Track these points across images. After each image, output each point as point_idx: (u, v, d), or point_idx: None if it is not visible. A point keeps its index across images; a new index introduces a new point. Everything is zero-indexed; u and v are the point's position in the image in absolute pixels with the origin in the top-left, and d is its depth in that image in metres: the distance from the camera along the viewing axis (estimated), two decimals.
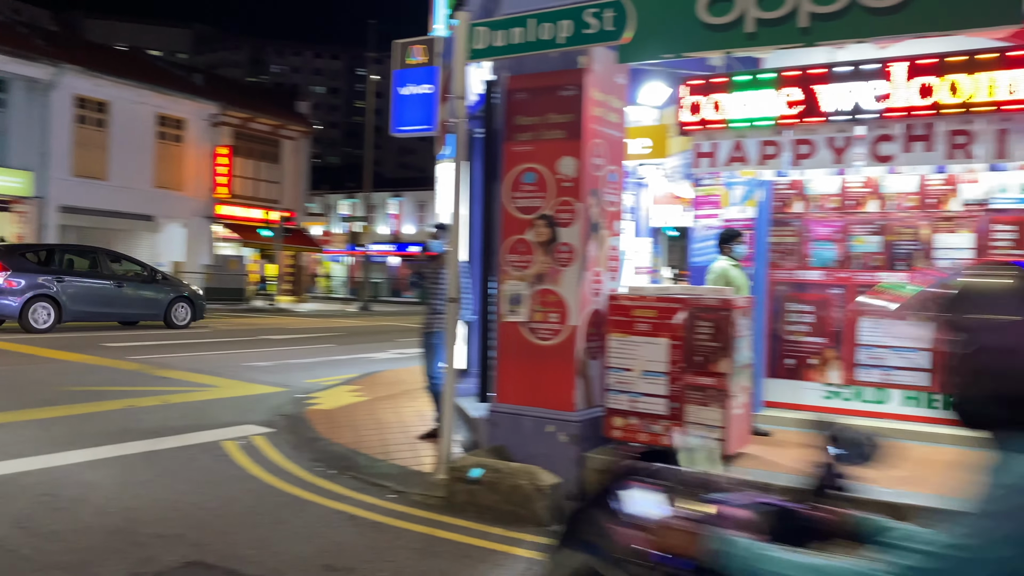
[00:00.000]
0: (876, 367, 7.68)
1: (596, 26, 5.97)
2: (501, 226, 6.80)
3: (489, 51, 6.40)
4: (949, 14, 5.28)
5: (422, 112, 8.48)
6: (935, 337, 1.62)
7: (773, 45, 5.88)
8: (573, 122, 6.47)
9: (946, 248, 7.46)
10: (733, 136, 6.41)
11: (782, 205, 8.17)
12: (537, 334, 6.59)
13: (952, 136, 5.70)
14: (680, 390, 6.26)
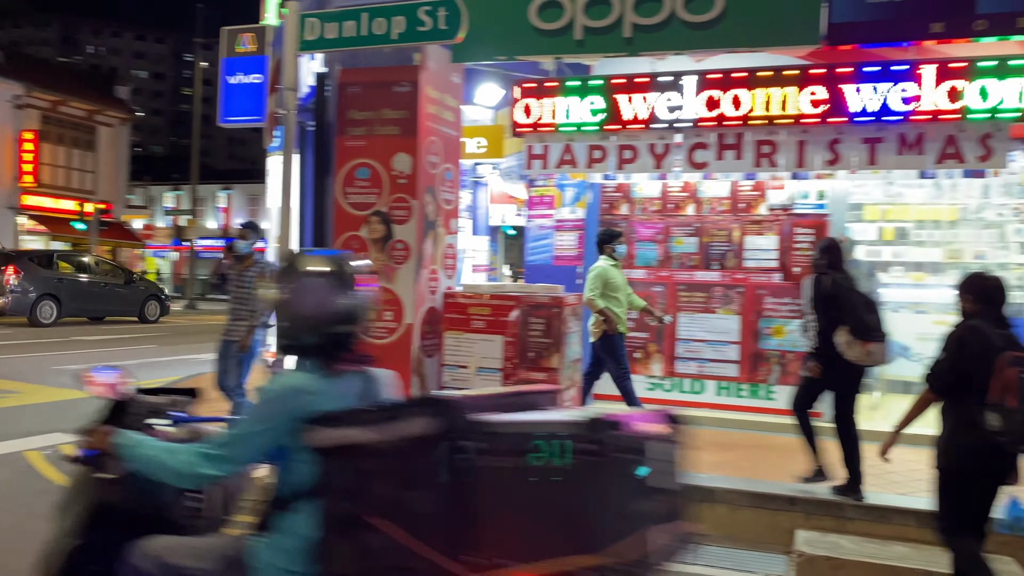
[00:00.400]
0: (693, 360, 8.19)
1: (430, 24, 5.97)
2: (334, 222, 6.67)
3: (320, 43, 6.25)
4: (757, 32, 5.70)
5: (251, 102, 8.17)
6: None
7: (600, 53, 6.12)
8: (408, 119, 6.45)
9: (755, 249, 8.07)
10: (563, 139, 6.62)
11: (609, 207, 8.54)
12: (371, 332, 6.50)
13: (759, 146, 6.17)
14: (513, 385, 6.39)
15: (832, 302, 5.57)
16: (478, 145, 9.03)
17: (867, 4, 5.48)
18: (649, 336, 8.34)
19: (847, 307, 5.52)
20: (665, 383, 8.30)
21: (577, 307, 6.76)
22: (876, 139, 5.92)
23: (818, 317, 5.66)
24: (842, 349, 5.49)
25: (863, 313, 5.50)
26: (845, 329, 5.48)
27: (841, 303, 5.53)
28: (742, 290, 8.08)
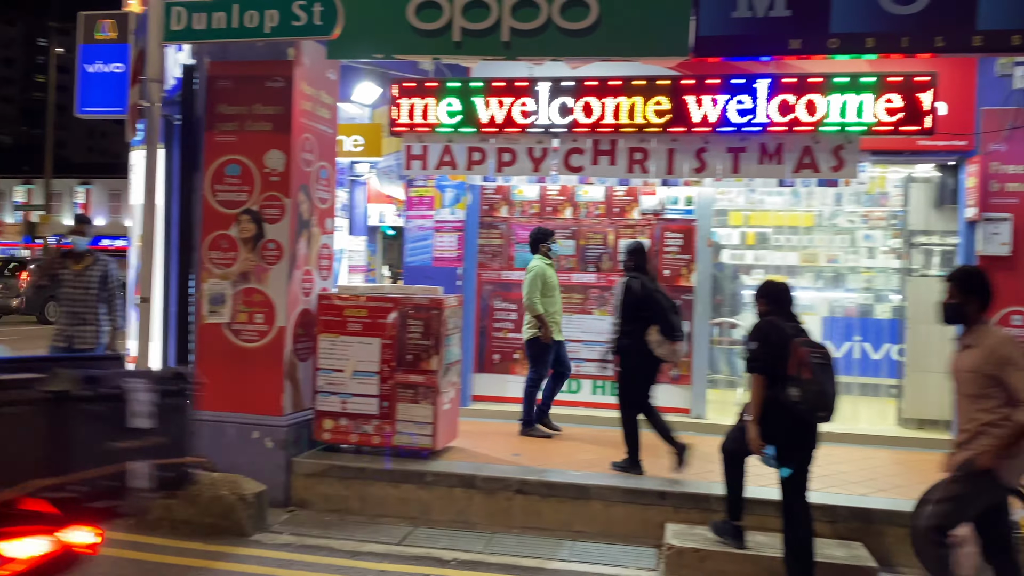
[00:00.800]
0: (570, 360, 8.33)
1: (304, 19, 5.82)
2: (202, 220, 6.39)
3: (187, 34, 5.98)
4: (630, 42, 5.89)
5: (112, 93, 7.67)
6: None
7: (478, 55, 6.15)
8: (281, 115, 6.26)
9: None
10: (442, 140, 6.60)
11: (489, 209, 8.59)
12: (241, 336, 6.28)
13: (632, 153, 6.36)
14: (391, 389, 6.32)
15: (643, 303, 6.14)
16: (355, 143, 8.86)
17: (732, 19, 5.75)
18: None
19: (657, 309, 6.14)
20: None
21: (457, 308, 6.76)
22: (739, 149, 6.22)
23: (628, 317, 6.20)
24: (652, 347, 6.12)
25: (670, 315, 6.16)
26: (655, 329, 6.09)
27: (651, 305, 6.13)
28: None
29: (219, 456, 6.21)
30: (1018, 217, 7.23)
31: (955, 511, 4.03)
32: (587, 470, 6.21)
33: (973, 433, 4.00)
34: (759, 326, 4.83)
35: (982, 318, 4.05)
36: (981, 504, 4.04)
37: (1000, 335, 4.00)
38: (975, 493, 4.00)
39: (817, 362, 4.56)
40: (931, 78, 5.89)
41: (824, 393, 4.53)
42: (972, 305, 4.04)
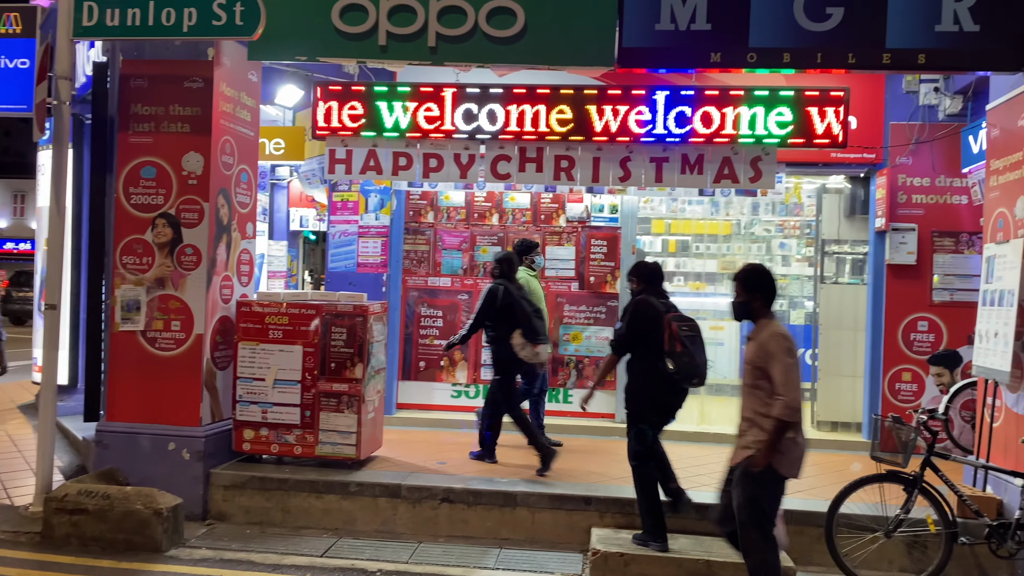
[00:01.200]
0: None
1: (225, 19, 5.67)
2: (114, 224, 6.14)
3: (100, 30, 5.75)
4: (557, 51, 5.92)
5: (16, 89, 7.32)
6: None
7: (404, 60, 6.08)
8: (200, 116, 6.07)
9: (554, 259, 8.38)
10: (367, 145, 6.51)
11: (415, 215, 8.52)
12: (157, 344, 6.06)
13: (558, 161, 6.40)
14: (314, 398, 6.19)
15: (508, 309, 6.54)
16: (276, 146, 8.66)
17: (655, 31, 5.84)
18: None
19: (520, 314, 6.57)
20: (470, 390, 8.39)
21: (382, 315, 6.68)
22: (663, 159, 6.33)
23: (491, 321, 6.62)
24: (516, 350, 6.55)
25: (533, 320, 6.62)
26: (519, 332, 6.53)
27: (515, 310, 6.54)
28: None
29: (132, 469, 5.98)
30: (923, 227, 7.59)
31: (759, 513, 4.16)
32: (514, 477, 6.21)
33: (748, 423, 4.20)
34: (631, 305, 5.35)
35: (766, 313, 4.23)
36: (773, 499, 4.19)
37: (772, 329, 4.15)
38: (762, 491, 4.14)
39: (687, 335, 5.05)
40: (843, 93, 6.12)
41: (695, 363, 5.03)
42: (756, 301, 4.22)
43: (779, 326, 4.19)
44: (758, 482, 4.11)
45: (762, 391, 4.12)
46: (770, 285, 4.24)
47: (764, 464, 4.06)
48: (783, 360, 4.03)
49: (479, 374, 8.39)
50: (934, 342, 7.61)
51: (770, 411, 4.05)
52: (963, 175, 7.43)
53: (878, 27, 5.62)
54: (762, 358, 4.10)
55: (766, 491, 4.15)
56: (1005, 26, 5.53)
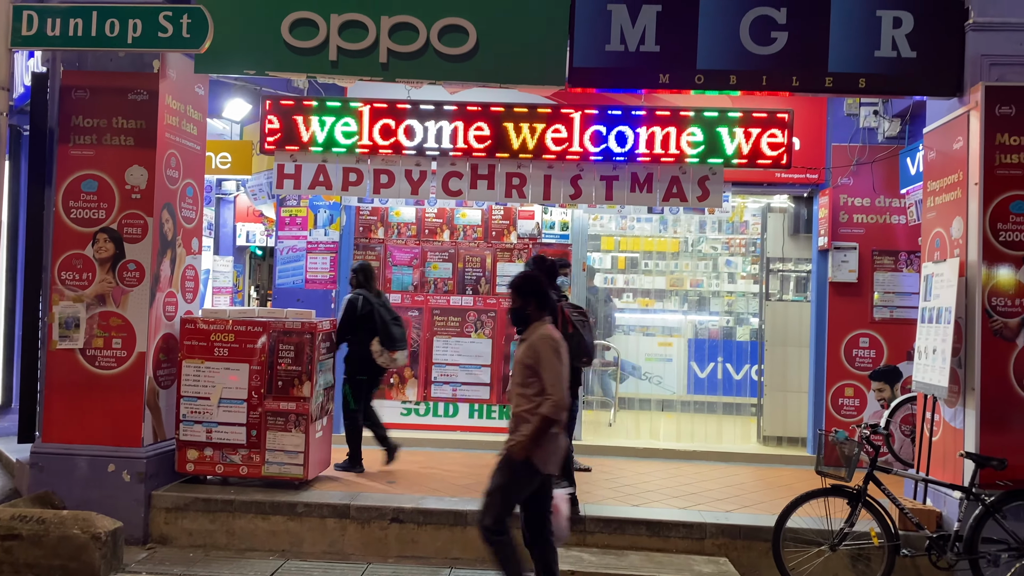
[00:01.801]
0: (448, 383, 8.31)
1: (171, 31, 5.58)
2: (53, 239, 5.95)
3: (40, 39, 5.59)
4: (508, 69, 5.97)
5: None
6: None
7: (354, 76, 6.06)
8: (144, 129, 5.93)
9: (506, 275, 8.37)
10: (316, 160, 6.44)
11: (365, 230, 8.46)
12: (97, 362, 5.88)
13: (510, 178, 6.42)
14: (260, 417, 6.07)
15: (367, 317, 6.77)
16: (222, 160, 8.51)
17: (605, 52, 5.93)
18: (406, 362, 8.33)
19: (378, 321, 6.81)
20: (420, 407, 8.33)
21: (331, 332, 6.59)
22: (612, 177, 6.39)
23: (352, 329, 6.79)
24: (374, 356, 6.82)
25: (391, 327, 6.87)
26: (376, 340, 6.80)
27: (372, 319, 6.79)
28: (494, 314, 8.34)
29: (70, 492, 5.78)
30: (863, 246, 7.81)
31: (501, 501, 4.29)
32: (465, 495, 6.16)
33: (517, 420, 4.32)
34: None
35: (540, 316, 4.38)
36: (523, 491, 4.30)
37: (542, 332, 4.30)
38: (515, 481, 4.27)
39: (577, 319, 5.81)
40: (787, 115, 6.27)
41: (583, 343, 5.77)
42: (530, 307, 4.37)
43: (550, 329, 4.34)
44: (514, 471, 4.24)
45: (531, 389, 4.24)
46: (542, 292, 4.41)
47: (523, 456, 4.18)
48: (551, 361, 4.18)
49: (429, 391, 8.33)
50: (875, 358, 7.80)
51: (539, 409, 4.17)
52: (901, 196, 7.67)
53: (821, 51, 5.80)
54: (532, 358, 4.23)
55: (519, 481, 4.26)
56: (941, 53, 5.76)
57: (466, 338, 8.37)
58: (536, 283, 4.47)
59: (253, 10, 5.99)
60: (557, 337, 4.29)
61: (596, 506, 6.01)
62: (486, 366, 8.32)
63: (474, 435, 8.13)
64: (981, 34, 5.67)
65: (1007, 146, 5.47)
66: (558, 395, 4.13)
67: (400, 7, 5.94)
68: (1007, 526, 4.95)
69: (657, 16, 5.87)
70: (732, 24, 5.84)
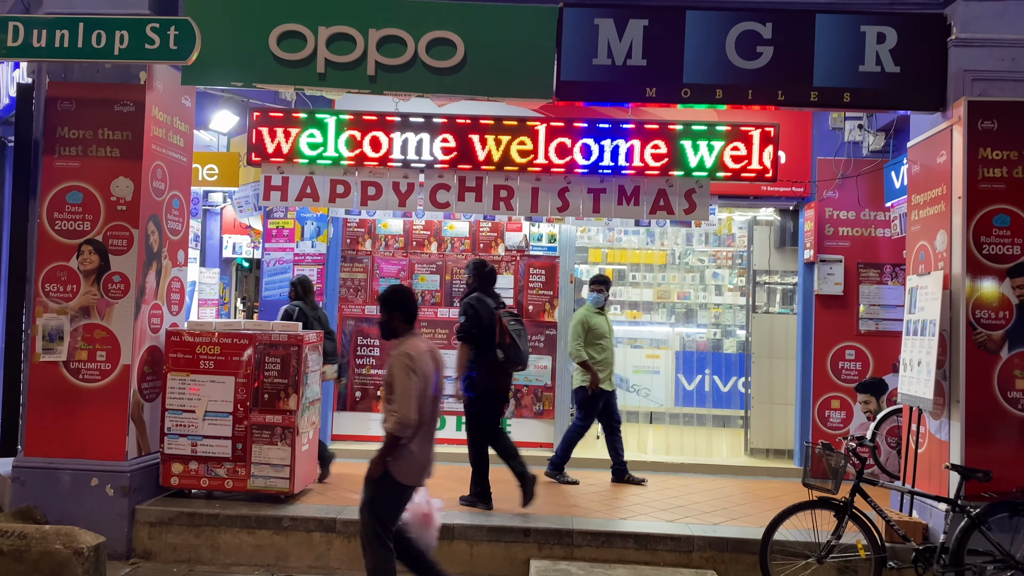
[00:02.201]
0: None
1: (158, 42, 5.56)
2: (37, 250, 5.90)
3: (25, 50, 5.56)
4: (496, 82, 6.00)
5: None
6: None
7: (343, 88, 6.07)
8: (130, 141, 5.91)
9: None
10: (304, 172, 6.43)
11: (352, 242, 8.44)
12: (81, 375, 5.82)
13: (497, 190, 6.43)
14: (246, 430, 6.02)
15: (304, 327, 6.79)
16: (209, 172, 8.49)
17: (593, 66, 5.96)
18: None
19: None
20: None
21: (318, 345, 6.56)
22: (600, 190, 6.41)
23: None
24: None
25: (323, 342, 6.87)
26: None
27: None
28: None
29: (52, 506, 5.71)
30: (849, 259, 7.86)
31: (371, 515, 4.31)
32: (451, 509, 6.13)
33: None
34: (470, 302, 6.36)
35: (406, 330, 4.39)
36: (395, 504, 4.35)
37: (402, 347, 4.28)
38: (380, 496, 4.31)
39: (514, 329, 6.22)
40: (773, 129, 6.31)
41: (520, 353, 6.24)
42: (396, 320, 4.39)
43: (411, 344, 4.31)
44: (376, 487, 4.28)
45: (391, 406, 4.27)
46: (409, 304, 4.42)
47: (379, 472, 4.24)
48: (400, 378, 4.17)
49: None
50: (861, 370, 7.84)
51: (384, 424, 4.23)
52: (886, 209, 7.73)
53: (806, 66, 5.85)
54: (388, 374, 4.27)
55: (384, 496, 4.30)
56: (924, 68, 5.82)
57: (454, 350, 8.31)
58: (403, 295, 4.47)
59: (241, 22, 5.99)
60: (414, 353, 4.22)
61: (584, 519, 5.99)
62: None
63: (461, 448, 8.06)
64: (963, 50, 5.74)
65: (990, 160, 5.53)
66: (403, 412, 4.12)
67: (388, 20, 5.96)
68: (992, 538, 4.97)
69: (644, 30, 5.91)
70: (718, 38, 5.88)
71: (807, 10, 5.90)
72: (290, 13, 5.98)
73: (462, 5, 6.03)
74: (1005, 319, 5.49)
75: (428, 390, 4.27)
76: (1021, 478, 5.32)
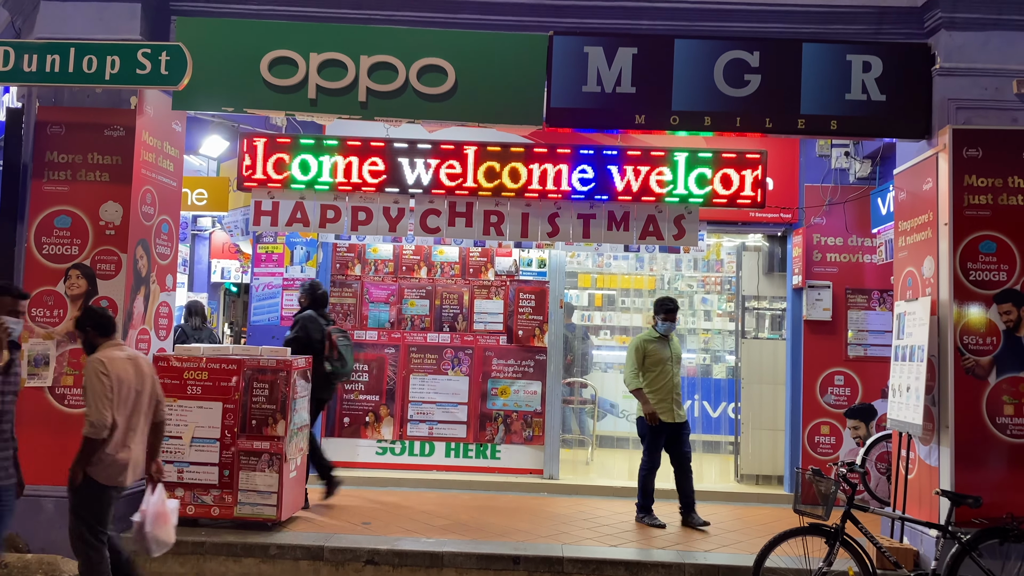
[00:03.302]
0: (424, 422, 8.23)
1: (149, 67, 5.59)
2: (24, 275, 5.86)
3: (16, 75, 5.58)
4: (486, 109, 6.05)
5: None
6: None
7: (334, 114, 6.09)
8: (120, 165, 5.90)
9: (483, 312, 8.37)
10: (294, 197, 6.43)
11: (342, 267, 8.42)
12: (66, 401, 5.76)
13: (488, 216, 6.44)
14: (233, 456, 5.96)
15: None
16: (199, 197, 8.48)
17: (582, 93, 6.02)
18: (381, 399, 8.27)
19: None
20: (396, 446, 8.23)
21: (306, 370, 6.52)
22: (590, 215, 6.42)
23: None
24: None
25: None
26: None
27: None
28: (471, 352, 8.31)
29: (35, 534, 5.63)
30: (837, 285, 7.90)
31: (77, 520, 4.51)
32: (441, 536, 6.08)
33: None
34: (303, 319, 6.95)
35: (104, 341, 4.63)
36: (101, 506, 4.53)
37: (96, 354, 4.54)
38: (83, 500, 4.50)
39: (343, 345, 7.00)
40: (761, 156, 6.36)
41: (346, 365, 7.05)
42: (91, 335, 4.64)
43: (105, 353, 4.56)
44: (79, 492, 4.48)
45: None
46: (99, 319, 4.66)
47: (80, 478, 4.44)
48: (91, 383, 4.41)
49: (405, 430, 8.24)
50: (850, 396, 7.85)
51: (84, 430, 4.42)
52: (873, 235, 7.79)
53: (793, 94, 5.92)
54: (84, 380, 4.51)
55: (87, 500, 4.49)
56: (909, 97, 5.91)
57: (443, 376, 8.32)
58: (90, 314, 4.74)
59: (232, 48, 6.02)
60: (106, 359, 4.47)
61: (574, 547, 5.94)
62: (463, 404, 8.26)
63: (451, 475, 8.04)
64: (948, 79, 5.83)
65: (975, 187, 5.59)
66: (93, 416, 4.37)
67: (379, 47, 6.01)
68: (984, 564, 4.96)
69: (633, 58, 5.98)
70: (706, 66, 5.95)
71: (794, 39, 5.99)
72: (282, 39, 6.02)
73: (453, 32, 6.09)
74: (992, 345, 5.53)
75: (128, 394, 4.52)
76: (1011, 504, 5.32)
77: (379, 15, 6.23)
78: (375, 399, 8.27)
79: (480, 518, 6.70)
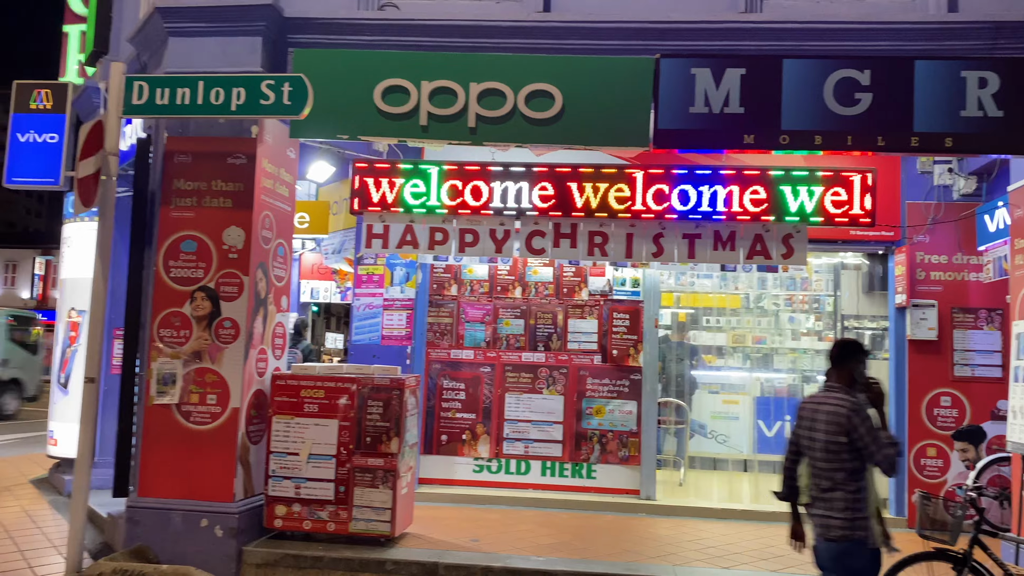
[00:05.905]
0: (519, 440, 8.30)
1: (273, 98, 5.81)
2: (153, 297, 6.15)
3: (150, 108, 5.87)
4: (593, 132, 6.13)
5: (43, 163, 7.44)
6: None
7: (444, 140, 6.24)
8: (242, 192, 6.16)
9: (577, 332, 8.42)
10: (404, 220, 6.61)
11: (439, 287, 8.59)
12: (192, 418, 6.01)
13: (592, 236, 6.52)
14: (348, 473, 6.12)
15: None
16: (300, 220, 8.76)
17: (690, 114, 6.05)
18: (477, 417, 8.37)
19: None
20: (492, 464, 8.31)
21: (416, 388, 6.66)
22: (695, 235, 6.47)
23: None
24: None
25: None
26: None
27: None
28: (566, 371, 8.37)
29: (163, 546, 5.87)
30: (942, 304, 7.73)
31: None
32: (549, 555, 6.12)
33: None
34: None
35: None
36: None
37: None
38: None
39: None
40: (872, 173, 6.30)
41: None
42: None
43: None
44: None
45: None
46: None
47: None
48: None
49: (502, 448, 8.32)
50: (957, 417, 7.65)
51: None
52: (979, 253, 7.61)
53: (906, 112, 5.85)
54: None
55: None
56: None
57: (538, 394, 8.39)
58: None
59: (346, 78, 6.23)
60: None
61: (686, 568, 5.92)
62: (558, 423, 8.31)
63: (547, 493, 8.08)
64: None
65: None
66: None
67: (488, 74, 6.15)
68: None
69: (741, 79, 5.99)
70: (816, 85, 5.93)
71: (906, 57, 5.93)
72: (394, 69, 6.21)
73: (560, 59, 6.20)
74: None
75: None
76: None
77: (487, 43, 6.39)
78: (472, 417, 8.38)
79: (584, 537, 6.72)
